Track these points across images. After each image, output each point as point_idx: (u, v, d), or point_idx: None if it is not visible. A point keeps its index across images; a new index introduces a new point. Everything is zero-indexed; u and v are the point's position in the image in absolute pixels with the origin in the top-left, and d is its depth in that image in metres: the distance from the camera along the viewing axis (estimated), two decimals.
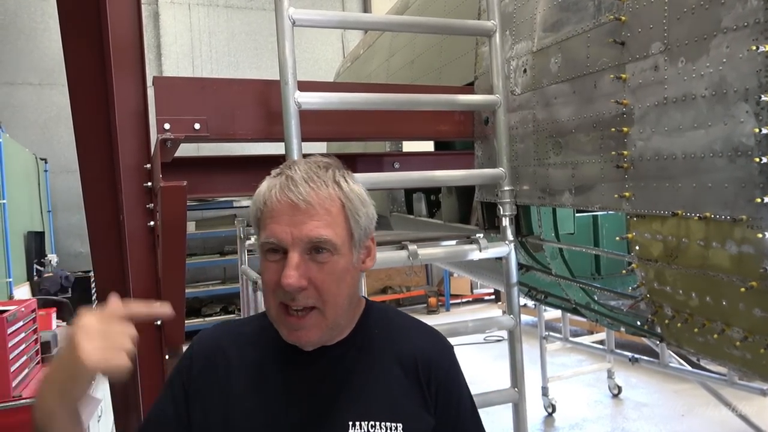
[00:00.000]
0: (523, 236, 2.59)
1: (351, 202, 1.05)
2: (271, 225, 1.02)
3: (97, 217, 2.23)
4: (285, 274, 0.98)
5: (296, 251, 1.00)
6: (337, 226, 1.03)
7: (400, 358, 1.15)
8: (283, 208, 1.01)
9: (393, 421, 1.09)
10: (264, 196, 1.05)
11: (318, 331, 1.04)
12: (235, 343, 1.15)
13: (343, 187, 1.05)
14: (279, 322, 1.06)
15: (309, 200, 1.01)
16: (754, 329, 1.55)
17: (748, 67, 1.42)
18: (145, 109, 2.12)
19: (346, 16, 5.39)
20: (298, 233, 1.00)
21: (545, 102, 2.24)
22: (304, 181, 1.02)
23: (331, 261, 1.03)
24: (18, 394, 2.55)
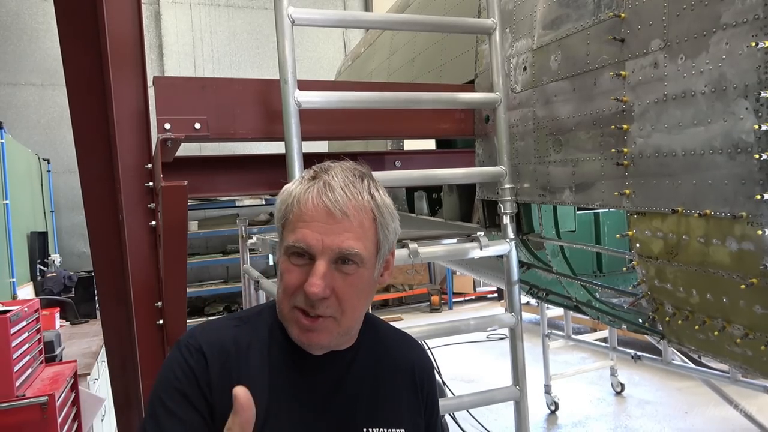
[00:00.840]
0: (524, 234, 2.59)
1: (383, 217, 1.05)
2: (303, 229, 0.99)
3: (97, 217, 2.23)
4: (311, 282, 0.97)
5: (324, 260, 0.98)
6: (367, 239, 1.02)
7: (399, 365, 1.19)
8: (318, 214, 0.99)
9: (398, 427, 1.12)
10: (297, 197, 1.02)
11: (329, 335, 1.03)
12: (237, 345, 1.07)
13: (377, 199, 1.04)
14: (291, 320, 1.03)
15: (345, 211, 0.99)
16: (754, 326, 1.54)
17: (747, 63, 1.42)
18: (146, 108, 2.13)
19: (346, 15, 5.39)
20: (329, 242, 0.98)
21: (545, 99, 2.24)
22: (341, 189, 1.00)
23: (357, 273, 1.02)
24: (21, 393, 2.56)
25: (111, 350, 2.51)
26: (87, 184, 2.22)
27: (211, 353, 1.04)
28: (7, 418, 2.47)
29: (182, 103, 2.13)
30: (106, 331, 2.49)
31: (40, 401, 2.53)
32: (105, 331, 2.50)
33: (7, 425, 2.47)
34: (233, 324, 1.13)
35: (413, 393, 1.19)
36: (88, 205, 2.24)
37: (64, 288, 5.02)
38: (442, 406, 2.56)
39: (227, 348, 1.06)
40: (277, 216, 1.07)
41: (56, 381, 2.78)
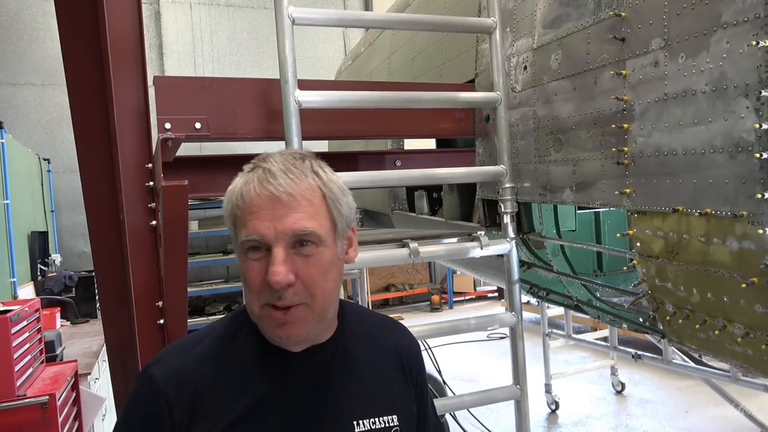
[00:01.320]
0: (525, 233, 2.59)
1: (332, 192, 1.01)
2: (252, 221, 0.96)
3: (97, 216, 2.23)
4: (272, 271, 0.93)
5: (281, 246, 0.95)
6: (320, 216, 0.99)
7: (385, 351, 1.17)
8: (263, 202, 0.96)
9: (390, 414, 1.11)
10: (240, 192, 0.99)
11: (305, 325, 1.00)
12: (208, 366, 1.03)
13: (322, 176, 1.01)
14: (264, 319, 1.00)
15: (290, 192, 0.96)
16: (755, 325, 1.54)
17: (748, 62, 1.42)
18: (146, 108, 2.13)
19: (346, 15, 5.38)
20: (281, 227, 0.95)
21: (546, 99, 2.24)
22: (282, 172, 0.97)
23: (317, 253, 0.98)
24: (22, 393, 2.56)
25: (112, 350, 2.51)
26: (88, 184, 2.22)
27: (174, 390, 1.00)
28: (7, 417, 2.47)
29: (182, 102, 2.13)
30: (107, 330, 2.49)
31: (41, 401, 2.53)
32: (106, 330, 2.50)
33: (7, 425, 2.47)
34: (188, 344, 1.09)
35: (402, 376, 1.17)
36: (88, 204, 2.24)
37: (65, 288, 5.02)
38: (443, 405, 2.56)
39: (190, 378, 1.01)
40: (225, 217, 1.04)
41: (57, 381, 2.78)
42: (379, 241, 2.30)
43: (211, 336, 1.09)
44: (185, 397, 1.00)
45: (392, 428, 1.10)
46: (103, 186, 2.18)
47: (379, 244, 2.26)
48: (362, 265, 2.20)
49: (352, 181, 2.26)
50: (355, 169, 3.08)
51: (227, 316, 1.15)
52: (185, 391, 1.00)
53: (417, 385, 1.20)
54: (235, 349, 1.06)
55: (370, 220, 4.59)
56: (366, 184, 2.31)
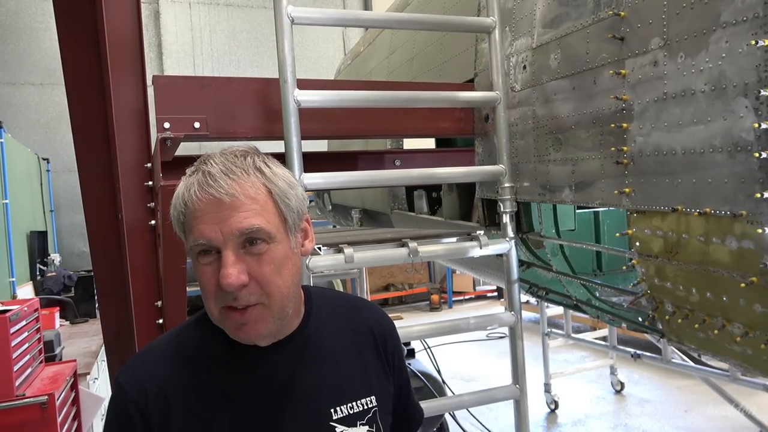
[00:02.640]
0: (524, 233, 2.59)
1: (277, 186, 0.99)
2: (198, 226, 0.94)
3: (96, 216, 2.23)
4: (223, 274, 0.92)
5: (229, 248, 0.94)
6: (268, 213, 0.97)
7: (357, 333, 1.16)
8: (206, 206, 0.94)
9: (367, 395, 1.11)
10: (183, 198, 0.97)
11: (264, 323, 0.99)
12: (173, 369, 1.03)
13: (265, 172, 0.99)
14: (223, 321, 1.00)
15: (232, 192, 0.94)
16: (754, 325, 1.54)
17: (747, 61, 1.42)
18: (146, 108, 2.13)
19: (345, 14, 5.38)
20: (227, 228, 0.93)
21: (545, 98, 2.24)
22: (223, 174, 0.95)
23: (269, 250, 0.97)
24: (21, 393, 2.55)
25: (111, 349, 2.51)
26: (86, 183, 2.22)
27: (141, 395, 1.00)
28: (6, 417, 2.46)
29: (182, 102, 2.13)
30: (106, 330, 2.49)
31: (40, 401, 2.53)
32: (104, 330, 2.50)
33: (6, 425, 2.47)
34: (152, 349, 1.09)
35: (377, 355, 1.16)
36: (87, 204, 2.24)
37: (64, 287, 5.02)
38: (442, 405, 2.57)
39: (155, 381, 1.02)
40: (174, 224, 1.02)
41: (56, 380, 2.78)
42: (378, 240, 2.30)
43: (178, 337, 1.10)
44: (154, 400, 1.00)
45: (371, 409, 1.10)
46: (102, 185, 2.18)
47: (379, 244, 2.26)
48: (362, 264, 2.20)
49: (351, 181, 2.27)
50: (354, 168, 3.08)
51: (194, 316, 1.14)
52: (153, 395, 1.00)
53: (393, 363, 1.19)
54: (202, 348, 1.06)
55: (370, 220, 4.59)
56: (365, 184, 2.31)
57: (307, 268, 2.00)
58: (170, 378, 1.02)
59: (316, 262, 2.04)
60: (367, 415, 1.09)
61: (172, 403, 1.00)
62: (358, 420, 1.08)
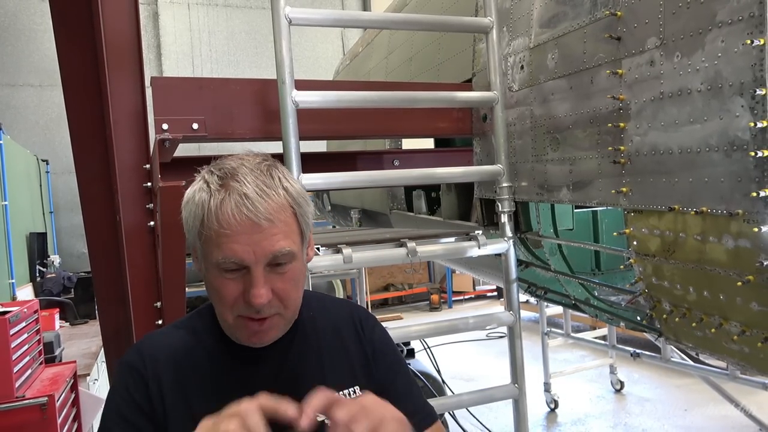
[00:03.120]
0: (523, 233, 2.59)
1: (300, 206, 1.03)
2: (230, 245, 0.96)
3: (94, 218, 2.23)
4: (254, 294, 0.96)
5: (260, 268, 0.97)
6: (293, 233, 1.01)
7: (340, 327, 1.20)
8: (242, 227, 0.95)
9: (352, 385, 1.14)
10: (213, 212, 0.97)
11: (276, 330, 1.05)
12: (173, 356, 1.09)
13: (290, 191, 1.02)
14: (238, 328, 1.03)
15: (269, 217, 0.96)
16: (751, 323, 1.55)
17: (743, 61, 1.42)
18: (144, 109, 2.13)
19: (343, 15, 5.39)
20: (261, 251, 0.96)
21: (542, 98, 2.24)
22: (258, 196, 0.97)
23: (291, 268, 1.01)
24: (21, 394, 2.56)
25: (110, 351, 2.51)
26: (84, 185, 2.22)
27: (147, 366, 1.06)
28: (7, 419, 2.47)
29: (180, 103, 2.14)
30: (105, 331, 2.49)
31: (40, 402, 2.53)
32: (104, 331, 2.50)
33: (7, 426, 2.47)
34: (157, 337, 1.16)
35: (358, 344, 1.20)
36: (85, 205, 2.24)
37: (64, 289, 5.02)
38: (441, 404, 2.57)
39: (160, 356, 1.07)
40: (189, 227, 1.03)
41: (56, 382, 2.78)
42: (376, 240, 2.30)
43: (174, 332, 1.14)
44: (157, 373, 1.05)
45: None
46: (100, 187, 2.18)
47: (377, 244, 2.27)
48: (361, 264, 2.21)
49: (350, 181, 2.27)
50: (353, 168, 3.09)
51: (193, 312, 1.19)
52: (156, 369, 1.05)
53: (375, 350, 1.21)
54: (198, 344, 1.10)
55: (369, 220, 4.59)
56: (364, 184, 2.32)
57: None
58: (167, 362, 1.07)
59: (315, 263, 2.04)
60: None
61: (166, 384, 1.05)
62: None
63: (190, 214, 1.01)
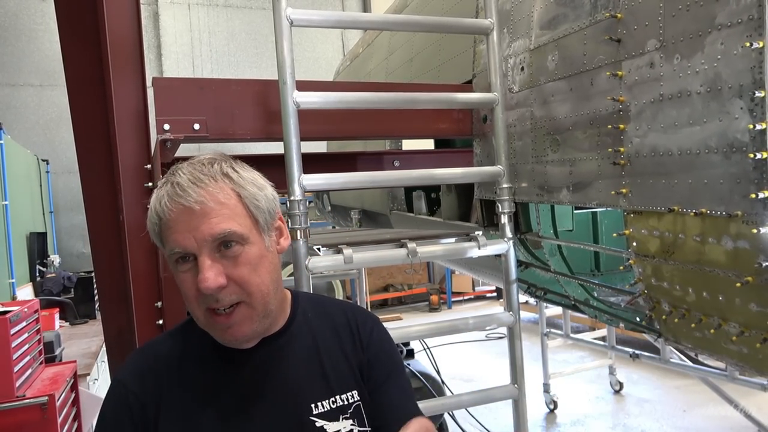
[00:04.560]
0: (522, 233, 2.60)
1: (245, 189, 1.04)
2: (172, 235, 0.99)
3: (97, 217, 2.24)
4: (200, 278, 0.97)
5: (205, 253, 0.98)
6: (238, 216, 1.01)
7: (338, 329, 1.20)
8: (178, 215, 0.98)
9: (349, 390, 1.13)
10: (155, 209, 1.01)
11: (250, 323, 1.04)
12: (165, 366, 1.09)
13: (233, 177, 1.03)
14: (209, 326, 1.04)
15: (201, 200, 0.98)
16: (750, 324, 1.55)
17: (742, 63, 1.43)
18: (145, 109, 2.14)
19: (344, 16, 5.39)
20: (200, 235, 0.98)
21: (543, 99, 2.25)
22: (191, 183, 0.99)
23: (244, 252, 1.01)
24: (21, 394, 2.56)
25: (111, 350, 2.52)
26: (87, 185, 2.23)
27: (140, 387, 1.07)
28: (7, 418, 2.47)
29: (181, 103, 2.14)
30: (107, 330, 2.49)
31: (40, 402, 2.53)
32: (106, 330, 2.51)
33: (7, 426, 2.48)
34: (147, 349, 1.17)
35: (357, 351, 1.18)
36: (88, 205, 2.25)
37: (64, 288, 5.03)
38: (441, 405, 2.57)
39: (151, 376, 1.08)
40: (152, 236, 1.05)
41: (56, 381, 2.78)
42: (377, 241, 2.31)
43: (168, 340, 1.16)
44: (150, 393, 1.06)
45: (353, 404, 1.12)
46: (103, 187, 2.19)
47: (378, 245, 2.27)
48: (361, 265, 2.21)
49: (350, 182, 2.28)
50: (353, 169, 3.09)
51: (183, 321, 1.19)
52: (149, 388, 1.06)
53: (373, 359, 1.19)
54: (191, 348, 1.11)
55: (369, 221, 4.60)
56: (364, 185, 2.32)
57: (306, 269, 2.01)
58: (162, 377, 1.07)
59: (315, 263, 2.05)
60: (350, 410, 1.11)
61: (164, 398, 1.05)
62: (340, 414, 1.11)
63: (148, 221, 1.04)
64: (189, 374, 1.08)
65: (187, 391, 1.07)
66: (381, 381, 1.19)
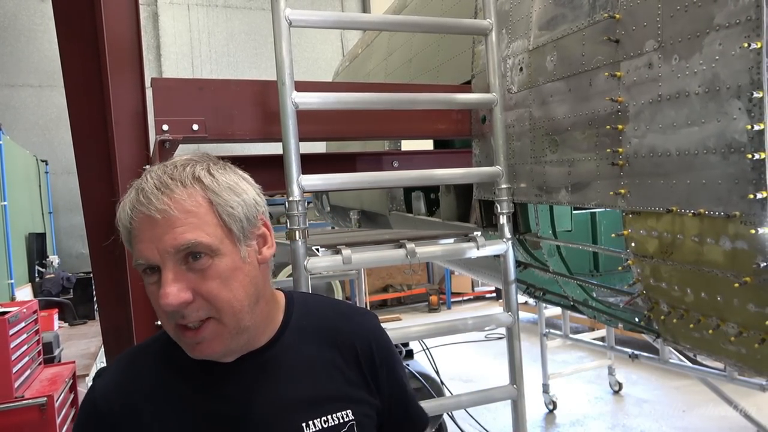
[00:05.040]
0: (521, 234, 2.60)
1: (218, 195, 0.94)
2: (137, 245, 0.91)
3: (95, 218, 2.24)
4: (162, 293, 0.88)
5: (168, 266, 0.90)
6: (207, 225, 0.92)
7: (337, 345, 1.10)
8: (141, 224, 0.90)
9: (344, 409, 1.05)
10: (121, 218, 0.94)
11: (220, 340, 0.95)
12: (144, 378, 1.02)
13: (205, 181, 0.94)
14: (179, 341, 0.96)
15: (163, 208, 0.89)
16: (748, 324, 1.56)
17: (740, 64, 1.43)
18: (144, 110, 2.14)
19: (342, 17, 5.40)
20: (162, 246, 0.89)
21: (541, 100, 2.25)
22: (156, 189, 0.90)
23: (213, 265, 0.92)
24: (20, 394, 2.56)
25: (110, 350, 2.52)
26: (85, 186, 2.23)
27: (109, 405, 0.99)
28: (5, 419, 2.47)
29: (180, 104, 2.14)
30: (106, 331, 2.49)
31: (39, 402, 2.54)
32: (104, 331, 2.51)
33: (6, 426, 2.48)
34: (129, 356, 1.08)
35: (358, 370, 1.10)
36: (86, 206, 2.25)
37: (63, 289, 5.03)
38: (440, 405, 2.57)
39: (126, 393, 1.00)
40: (126, 244, 0.98)
41: (55, 382, 2.79)
42: (375, 241, 2.31)
43: (148, 351, 1.07)
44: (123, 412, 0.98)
45: (347, 423, 1.05)
46: (101, 188, 2.19)
47: (376, 245, 2.27)
48: (359, 265, 2.21)
49: (349, 182, 2.28)
50: (353, 170, 3.09)
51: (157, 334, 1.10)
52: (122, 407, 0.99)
53: (380, 376, 1.13)
54: (170, 364, 1.03)
55: (368, 221, 4.60)
56: (363, 185, 2.32)
57: (305, 270, 2.01)
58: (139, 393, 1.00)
59: (314, 264, 2.05)
60: (343, 429, 1.04)
61: (140, 414, 0.98)
62: None
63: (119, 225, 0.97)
64: (169, 392, 1.00)
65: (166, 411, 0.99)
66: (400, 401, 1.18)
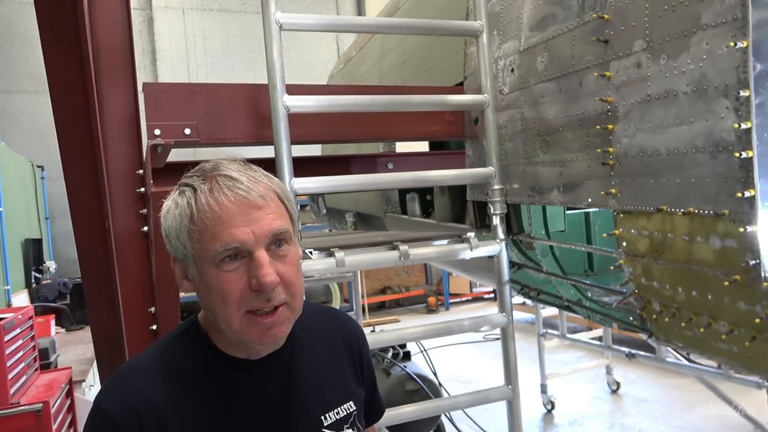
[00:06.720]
0: (515, 234, 2.61)
1: (283, 191, 1.02)
2: (227, 230, 0.92)
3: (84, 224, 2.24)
4: (262, 273, 0.92)
5: (262, 248, 0.94)
6: (284, 215, 1.00)
7: (334, 341, 1.19)
8: (238, 208, 0.93)
9: (347, 401, 1.14)
10: (204, 204, 0.94)
11: (288, 324, 1.00)
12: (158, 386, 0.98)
13: (273, 179, 1.03)
14: (247, 329, 0.96)
15: (262, 194, 0.96)
16: (739, 322, 1.56)
17: (727, 63, 1.44)
18: (137, 115, 2.14)
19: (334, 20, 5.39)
20: (259, 230, 0.94)
21: (532, 101, 2.26)
22: (246, 177, 0.97)
23: (290, 252, 0.99)
24: (16, 401, 2.56)
25: (101, 357, 2.52)
26: (73, 192, 2.23)
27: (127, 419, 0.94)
28: (1, 425, 2.47)
29: (172, 108, 2.15)
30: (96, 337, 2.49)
31: (35, 408, 2.53)
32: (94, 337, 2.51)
33: None
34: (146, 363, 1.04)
35: (351, 364, 1.20)
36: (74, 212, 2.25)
37: (59, 294, 5.03)
38: (437, 406, 2.58)
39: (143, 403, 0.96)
40: (175, 235, 0.98)
41: (51, 388, 2.78)
42: (369, 244, 2.31)
43: (161, 354, 1.05)
44: (148, 421, 0.95)
45: (352, 413, 1.13)
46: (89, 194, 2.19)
47: (370, 247, 2.28)
48: (353, 267, 2.22)
49: (344, 185, 2.28)
50: (347, 172, 3.10)
51: (175, 331, 1.11)
52: (147, 416, 0.95)
53: (364, 371, 1.23)
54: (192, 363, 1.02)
55: (363, 223, 4.60)
56: (358, 188, 2.33)
57: None
58: (162, 396, 0.97)
59: (308, 267, 2.05)
60: (350, 419, 1.12)
61: (169, 421, 0.95)
62: (343, 424, 1.11)
63: (174, 219, 0.98)
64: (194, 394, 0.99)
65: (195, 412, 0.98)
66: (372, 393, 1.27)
